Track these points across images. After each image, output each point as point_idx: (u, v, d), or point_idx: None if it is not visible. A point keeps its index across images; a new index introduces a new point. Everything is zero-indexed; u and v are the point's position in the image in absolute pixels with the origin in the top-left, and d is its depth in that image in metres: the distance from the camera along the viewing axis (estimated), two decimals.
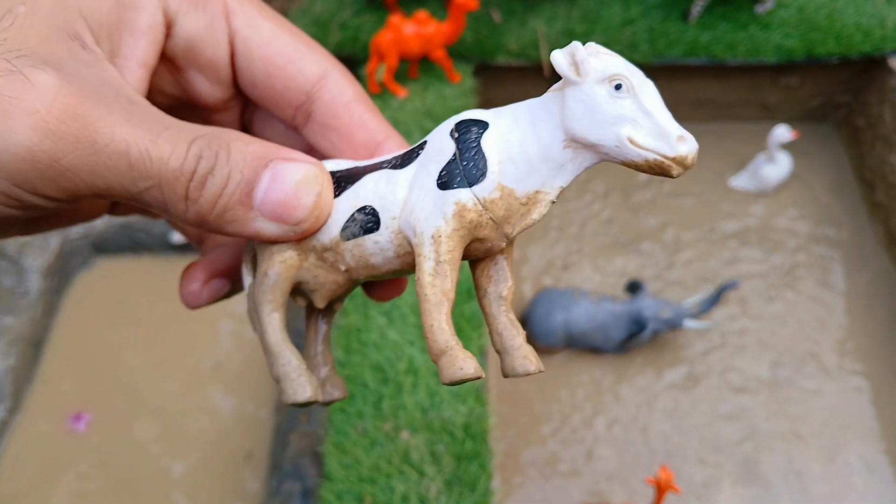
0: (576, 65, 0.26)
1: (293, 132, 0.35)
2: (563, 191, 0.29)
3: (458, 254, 0.29)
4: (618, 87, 0.27)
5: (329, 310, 0.36)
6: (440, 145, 0.29)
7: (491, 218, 0.29)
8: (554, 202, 0.29)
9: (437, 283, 0.28)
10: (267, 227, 0.27)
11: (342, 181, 0.30)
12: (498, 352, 0.32)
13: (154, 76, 0.30)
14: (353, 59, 1.71)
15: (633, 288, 1.49)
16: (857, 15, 1.68)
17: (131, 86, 0.27)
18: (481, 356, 1.30)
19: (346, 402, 1.25)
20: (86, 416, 1.50)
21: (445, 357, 0.29)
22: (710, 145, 1.88)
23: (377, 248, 0.30)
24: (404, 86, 1.62)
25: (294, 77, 0.30)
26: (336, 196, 0.30)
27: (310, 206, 0.27)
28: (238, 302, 1.70)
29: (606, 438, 1.45)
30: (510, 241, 0.31)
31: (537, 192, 0.29)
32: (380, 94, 1.61)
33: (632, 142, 0.27)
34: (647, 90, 0.27)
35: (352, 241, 0.30)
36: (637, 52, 1.69)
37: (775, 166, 1.72)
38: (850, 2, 1.70)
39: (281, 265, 0.30)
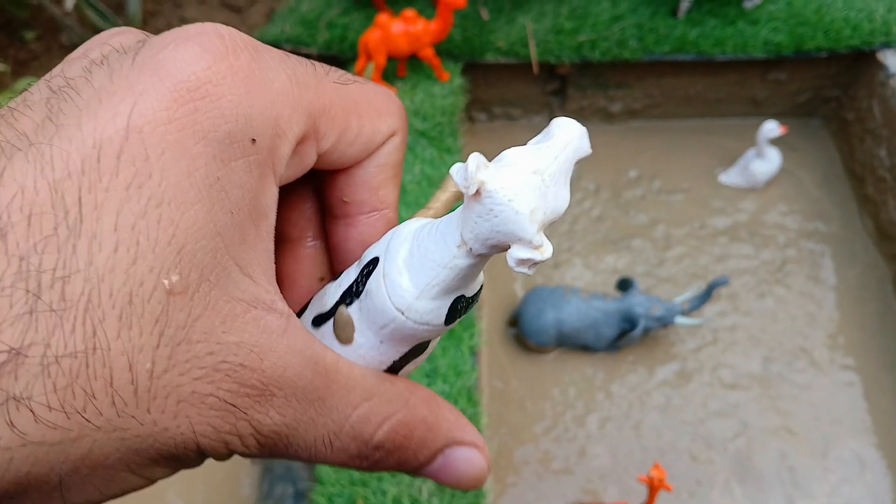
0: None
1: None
2: None
3: None
4: None
5: None
6: None
7: None
8: None
9: None
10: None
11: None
12: None
13: None
14: (341, 59, 1.70)
15: (624, 285, 1.48)
16: (846, 9, 1.68)
17: (305, 331, 0.24)
18: (473, 357, 1.29)
19: None
20: None
21: None
22: (699, 142, 1.88)
23: None
24: (393, 85, 1.61)
25: (372, 133, 0.27)
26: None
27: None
28: None
29: (599, 436, 1.45)
30: None
31: None
32: None
33: None
34: None
35: None
36: (626, 48, 1.69)
37: (765, 162, 1.72)
38: None
39: None
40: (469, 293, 0.25)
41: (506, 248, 0.22)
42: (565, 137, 0.23)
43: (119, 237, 0.18)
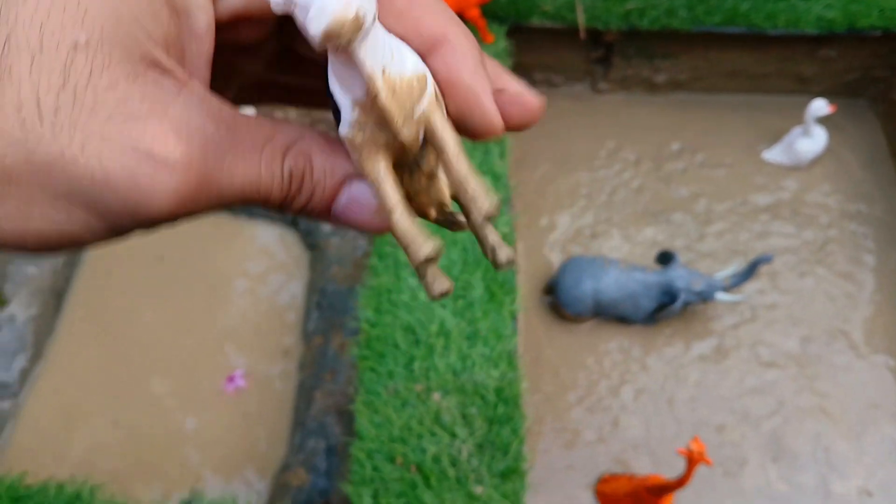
0: None
1: None
2: None
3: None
4: None
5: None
6: None
7: None
8: None
9: None
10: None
11: None
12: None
13: None
14: None
15: (665, 258, 1.46)
16: None
17: (204, 88, 0.26)
18: (513, 321, 1.28)
19: (376, 362, 1.23)
20: (238, 374, 1.50)
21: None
22: (744, 116, 1.85)
23: None
24: None
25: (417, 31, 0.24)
26: None
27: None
28: (254, 260, 1.68)
29: (633, 408, 1.44)
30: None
31: None
32: None
33: None
34: None
35: None
36: (675, 17, 1.65)
37: (811, 140, 1.69)
38: None
39: None
40: None
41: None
42: None
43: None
